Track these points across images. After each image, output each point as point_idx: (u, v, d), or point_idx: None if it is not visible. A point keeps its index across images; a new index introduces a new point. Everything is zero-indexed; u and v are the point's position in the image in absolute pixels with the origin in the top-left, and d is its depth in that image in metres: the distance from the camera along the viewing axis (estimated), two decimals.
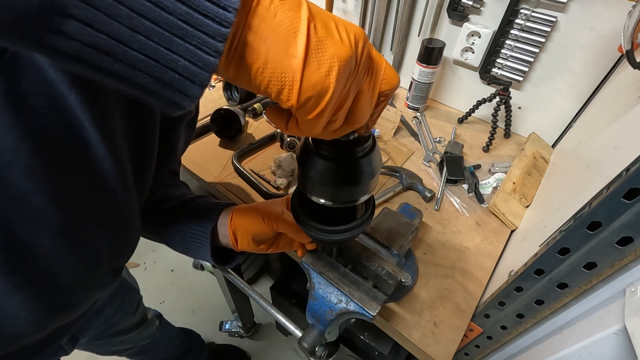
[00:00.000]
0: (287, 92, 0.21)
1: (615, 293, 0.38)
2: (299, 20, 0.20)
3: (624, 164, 0.36)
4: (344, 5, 1.12)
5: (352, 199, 0.35)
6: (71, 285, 0.40)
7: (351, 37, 0.22)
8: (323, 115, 0.22)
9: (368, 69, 0.24)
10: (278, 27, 0.19)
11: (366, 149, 0.32)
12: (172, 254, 1.72)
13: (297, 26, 0.20)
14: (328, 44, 0.21)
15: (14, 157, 0.29)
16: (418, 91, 1.02)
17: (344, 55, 0.21)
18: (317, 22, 0.21)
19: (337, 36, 0.21)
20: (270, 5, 0.19)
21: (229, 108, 0.88)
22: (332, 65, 0.21)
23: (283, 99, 0.21)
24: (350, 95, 0.24)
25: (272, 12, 0.19)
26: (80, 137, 0.32)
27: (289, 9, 0.20)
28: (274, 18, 0.19)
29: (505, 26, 0.86)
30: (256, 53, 0.20)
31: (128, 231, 0.45)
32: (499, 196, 0.76)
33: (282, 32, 0.19)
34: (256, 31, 0.19)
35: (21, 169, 0.29)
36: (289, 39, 0.20)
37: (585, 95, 0.85)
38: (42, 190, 0.32)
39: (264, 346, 1.46)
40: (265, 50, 0.19)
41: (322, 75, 0.20)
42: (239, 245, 0.52)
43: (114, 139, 0.35)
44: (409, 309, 0.59)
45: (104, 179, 0.36)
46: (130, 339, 0.89)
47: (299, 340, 0.49)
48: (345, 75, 0.22)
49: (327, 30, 0.21)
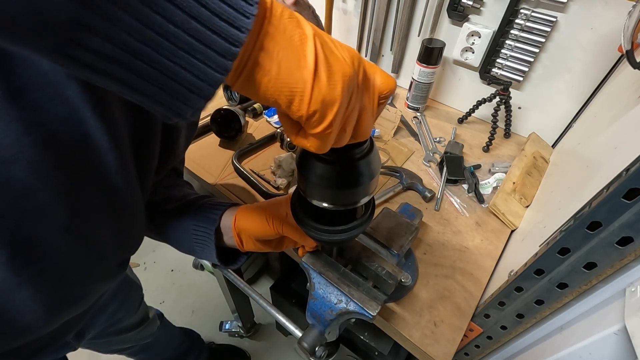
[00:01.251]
0: (297, 102, 0.21)
1: (615, 293, 0.38)
2: (306, 37, 0.21)
3: (624, 164, 0.36)
4: (344, 5, 1.12)
5: (353, 201, 0.35)
6: (79, 279, 0.41)
7: (350, 57, 0.23)
8: (331, 127, 0.23)
9: (366, 86, 0.26)
10: (289, 41, 0.21)
11: (364, 150, 0.32)
12: (172, 254, 1.74)
13: (305, 41, 0.21)
14: (333, 60, 0.22)
15: (17, 153, 0.29)
16: (418, 91, 1.02)
17: (348, 71, 0.22)
18: (321, 40, 0.22)
19: (339, 55, 0.22)
20: (280, 21, 0.20)
21: (229, 108, 0.88)
22: (338, 79, 0.22)
23: (294, 110, 0.22)
24: (355, 112, 0.25)
25: (282, 28, 0.20)
26: (82, 129, 0.32)
27: (297, 26, 0.21)
28: (285, 33, 0.20)
29: (505, 26, 0.86)
30: (268, 66, 0.20)
31: (133, 225, 0.45)
32: (499, 196, 0.76)
33: (293, 45, 0.21)
34: (268, 45, 0.20)
35: (25, 165, 0.29)
36: (299, 53, 0.21)
37: (585, 95, 0.85)
38: (46, 186, 0.32)
39: (264, 346, 1.46)
40: (277, 63, 0.20)
41: (330, 87, 0.21)
42: (245, 247, 0.52)
43: (116, 131, 0.35)
44: (409, 309, 0.59)
45: (107, 173, 0.37)
46: (132, 337, 0.90)
47: (299, 340, 0.49)
48: (350, 91, 0.23)
49: (330, 49, 0.22)
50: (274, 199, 0.52)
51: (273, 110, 1.01)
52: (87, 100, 0.31)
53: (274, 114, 1.01)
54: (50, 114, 0.30)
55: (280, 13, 0.21)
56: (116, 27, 0.16)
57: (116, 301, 0.74)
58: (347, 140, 0.26)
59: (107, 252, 0.43)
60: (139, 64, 0.18)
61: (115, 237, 0.42)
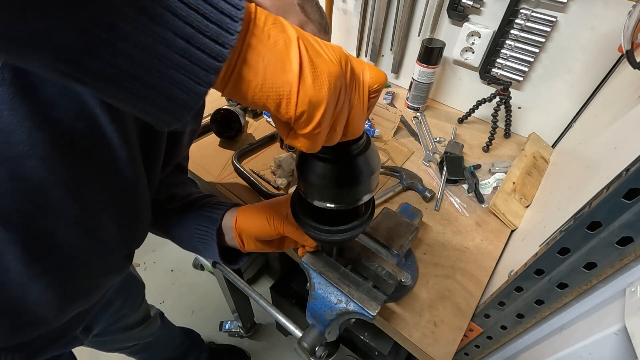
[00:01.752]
0: (285, 105, 0.22)
1: (615, 293, 0.38)
2: (290, 41, 0.22)
3: (624, 164, 0.36)
4: (344, 5, 1.12)
5: (353, 199, 0.35)
6: (89, 271, 0.42)
7: (336, 56, 0.23)
8: (320, 126, 0.23)
9: (355, 84, 0.26)
10: (273, 47, 0.21)
11: (360, 147, 0.32)
12: (172, 254, 1.74)
13: (289, 45, 0.22)
14: (319, 62, 0.22)
15: (29, 149, 0.29)
16: (418, 91, 1.02)
17: (334, 71, 0.23)
18: (306, 42, 0.22)
19: (325, 55, 0.23)
20: (264, 30, 0.21)
21: (228, 108, 0.88)
22: (324, 80, 0.22)
23: (282, 112, 0.22)
24: (344, 110, 0.25)
25: (265, 35, 0.21)
26: (93, 126, 0.33)
27: (281, 31, 0.22)
28: (269, 39, 0.21)
29: (505, 26, 0.86)
30: (254, 73, 0.21)
31: (140, 220, 0.46)
32: (499, 196, 0.76)
33: (278, 51, 0.21)
34: (251, 58, 0.21)
35: (37, 161, 0.30)
36: (284, 57, 0.21)
37: (585, 95, 0.85)
38: (58, 182, 0.32)
39: (264, 346, 1.46)
40: (262, 69, 0.21)
41: (316, 88, 0.22)
42: (246, 247, 0.52)
43: (125, 127, 0.36)
44: (409, 309, 0.59)
45: (118, 168, 0.37)
46: (135, 335, 0.90)
47: (299, 340, 0.49)
48: (337, 91, 0.23)
49: (315, 50, 0.23)
50: (275, 199, 0.52)
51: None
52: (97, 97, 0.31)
53: None
54: (61, 110, 0.30)
55: (264, 21, 0.21)
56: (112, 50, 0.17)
57: (121, 297, 0.75)
58: (338, 138, 0.27)
59: (116, 245, 0.44)
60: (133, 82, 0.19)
61: (123, 231, 0.43)
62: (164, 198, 0.56)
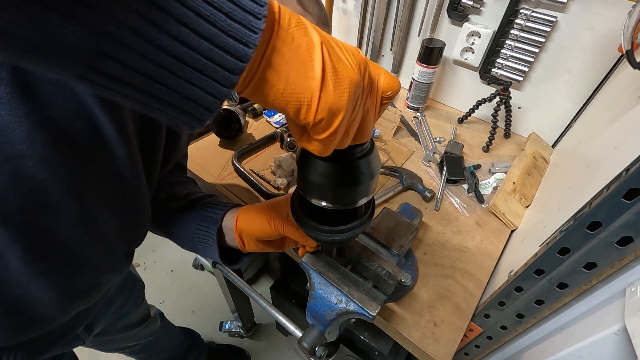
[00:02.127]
0: (305, 111, 0.22)
1: (615, 293, 0.38)
2: (314, 45, 0.21)
3: (624, 164, 0.36)
4: (344, 5, 1.12)
5: (352, 200, 0.35)
6: (89, 270, 0.42)
7: (356, 63, 0.23)
8: (336, 134, 0.23)
9: (371, 90, 0.26)
10: (297, 51, 0.21)
11: (365, 150, 0.32)
12: (172, 254, 1.74)
13: (312, 49, 0.21)
14: (340, 68, 0.22)
15: (29, 148, 0.29)
16: (418, 91, 1.02)
17: (354, 79, 0.22)
18: (328, 47, 0.22)
19: (346, 61, 0.23)
20: (288, 32, 0.21)
21: (229, 108, 0.88)
22: (345, 88, 0.22)
23: (301, 117, 0.22)
24: (358, 116, 0.25)
25: (290, 38, 0.21)
26: (92, 125, 0.33)
27: (304, 34, 0.21)
28: (292, 42, 0.21)
29: (505, 26, 0.86)
30: (277, 76, 0.21)
31: (140, 218, 0.46)
32: (499, 196, 0.76)
33: (301, 55, 0.21)
34: (275, 60, 0.20)
35: (36, 160, 0.30)
36: (307, 62, 0.21)
37: (585, 95, 0.85)
38: (58, 181, 0.32)
39: (264, 346, 1.46)
40: (285, 73, 0.21)
41: (337, 96, 0.22)
42: (247, 248, 0.52)
43: (124, 125, 0.36)
44: (409, 309, 0.59)
45: (117, 167, 0.37)
46: (135, 334, 0.90)
47: (299, 340, 0.49)
48: (355, 98, 0.23)
49: (337, 56, 0.22)
50: (275, 199, 0.52)
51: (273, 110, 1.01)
52: (95, 96, 0.32)
53: (274, 114, 1.01)
54: (60, 109, 0.30)
55: (288, 22, 0.21)
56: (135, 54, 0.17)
57: (122, 296, 0.76)
58: (349, 142, 0.27)
59: (116, 243, 0.44)
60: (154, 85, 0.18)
61: (123, 230, 0.44)
62: (164, 197, 0.57)
